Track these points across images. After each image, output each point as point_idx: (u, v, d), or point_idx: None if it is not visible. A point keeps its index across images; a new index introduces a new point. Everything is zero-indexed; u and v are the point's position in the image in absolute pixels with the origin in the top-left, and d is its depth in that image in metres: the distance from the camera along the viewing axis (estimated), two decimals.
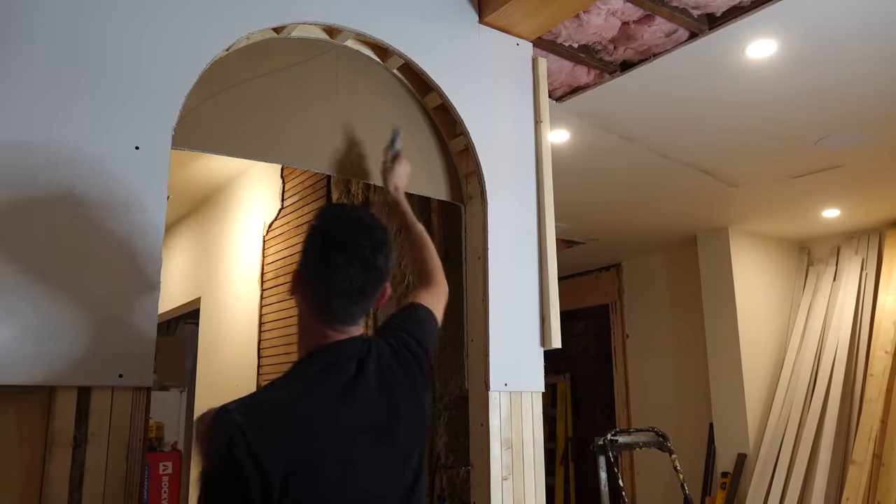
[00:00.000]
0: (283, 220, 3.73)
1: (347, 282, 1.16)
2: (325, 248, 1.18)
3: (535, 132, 2.22)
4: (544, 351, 2.08)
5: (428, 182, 2.09)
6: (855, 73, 2.68)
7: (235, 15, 1.66)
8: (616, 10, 2.31)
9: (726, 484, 4.65)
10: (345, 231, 1.20)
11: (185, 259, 4.99)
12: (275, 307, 3.66)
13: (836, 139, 3.30)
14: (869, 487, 4.17)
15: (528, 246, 2.13)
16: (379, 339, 1.30)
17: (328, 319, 1.20)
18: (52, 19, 1.42)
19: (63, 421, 1.30)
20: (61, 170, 1.38)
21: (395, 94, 2.05)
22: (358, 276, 1.17)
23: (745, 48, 2.48)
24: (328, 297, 1.18)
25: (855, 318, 4.76)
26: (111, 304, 1.38)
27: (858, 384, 4.55)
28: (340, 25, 1.85)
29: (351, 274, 1.16)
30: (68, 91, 1.41)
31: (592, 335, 6.32)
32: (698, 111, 3.01)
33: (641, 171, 3.73)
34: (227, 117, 1.71)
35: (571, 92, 2.83)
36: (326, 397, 1.14)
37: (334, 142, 1.89)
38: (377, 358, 1.23)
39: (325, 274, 1.17)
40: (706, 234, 5.06)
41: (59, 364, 1.31)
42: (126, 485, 1.35)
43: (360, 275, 1.17)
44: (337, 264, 1.16)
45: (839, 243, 5.14)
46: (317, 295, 1.20)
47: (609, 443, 3.33)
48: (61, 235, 1.36)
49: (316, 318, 1.21)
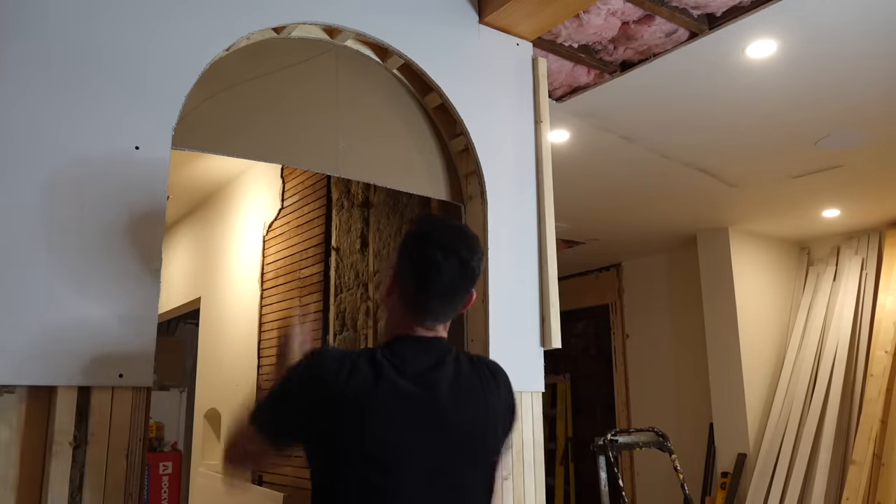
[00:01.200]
0: (283, 220, 3.73)
1: (445, 278, 1.22)
2: (426, 247, 1.23)
3: (535, 132, 2.22)
4: (544, 351, 2.08)
5: (428, 182, 2.09)
6: (855, 73, 2.68)
7: (235, 15, 1.66)
8: (616, 10, 2.31)
9: (726, 484, 4.65)
10: (444, 232, 1.27)
11: (185, 259, 4.99)
12: (275, 307, 3.66)
13: (835, 139, 3.30)
14: (869, 487, 4.17)
15: (528, 246, 2.13)
16: (460, 351, 1.35)
17: (422, 316, 1.25)
18: (51, 19, 1.42)
19: (63, 421, 1.31)
20: (61, 169, 1.38)
21: (395, 94, 2.05)
22: (455, 274, 1.23)
23: (745, 48, 2.48)
24: (426, 293, 1.24)
25: (855, 318, 4.75)
26: (111, 304, 1.38)
27: (858, 384, 4.55)
28: (340, 25, 1.85)
29: (449, 271, 1.22)
30: (68, 91, 1.41)
31: (592, 335, 6.32)
32: (698, 111, 3.01)
33: (641, 170, 3.73)
34: (227, 117, 1.71)
35: (571, 92, 2.83)
36: (399, 374, 1.19)
37: (334, 142, 1.89)
38: (456, 361, 1.27)
39: (425, 271, 1.23)
40: (706, 234, 5.06)
41: (59, 364, 1.31)
42: (126, 485, 1.35)
43: (457, 273, 1.23)
44: (436, 261, 1.21)
45: (839, 243, 5.14)
46: (415, 292, 1.24)
47: (609, 443, 3.33)
48: (61, 235, 1.36)
49: (410, 316, 1.26)
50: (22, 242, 1.32)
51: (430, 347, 1.25)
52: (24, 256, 1.32)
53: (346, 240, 3.19)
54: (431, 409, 1.18)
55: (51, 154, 1.37)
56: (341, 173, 1.91)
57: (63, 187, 1.37)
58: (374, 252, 2.98)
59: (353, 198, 3.20)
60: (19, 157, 1.34)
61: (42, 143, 1.36)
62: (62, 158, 1.38)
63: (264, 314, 3.74)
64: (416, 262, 1.24)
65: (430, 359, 1.23)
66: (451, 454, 1.20)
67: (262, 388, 3.64)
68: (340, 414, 1.13)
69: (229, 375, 4.02)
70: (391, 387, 1.15)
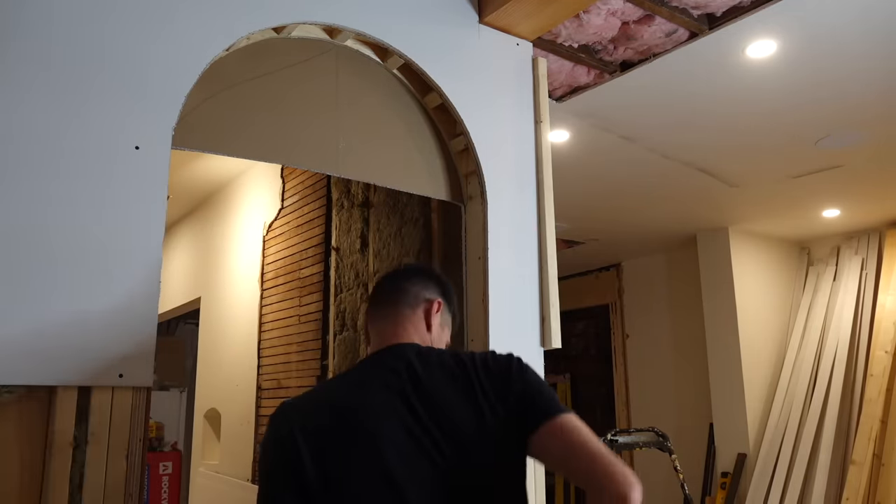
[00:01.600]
0: (283, 220, 3.73)
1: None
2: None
3: (535, 132, 2.22)
4: (544, 351, 2.08)
5: (428, 182, 2.09)
6: (855, 73, 2.68)
7: (235, 15, 1.66)
8: (616, 10, 2.31)
9: (726, 484, 4.65)
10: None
11: (185, 259, 4.99)
12: (275, 307, 3.66)
13: (835, 139, 3.30)
14: (869, 487, 4.17)
15: (528, 246, 2.13)
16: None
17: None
18: (50, 19, 1.42)
19: (63, 421, 1.31)
20: (61, 169, 1.38)
21: (395, 94, 2.05)
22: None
23: (745, 48, 2.48)
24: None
25: (855, 318, 4.75)
26: (111, 304, 1.38)
27: (858, 384, 4.55)
28: (340, 25, 1.85)
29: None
30: (68, 91, 1.41)
31: (592, 335, 6.32)
32: (698, 111, 3.01)
33: (641, 170, 3.73)
34: (228, 117, 1.71)
35: (571, 92, 2.83)
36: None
37: (334, 142, 1.89)
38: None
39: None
40: (706, 234, 5.06)
41: (59, 364, 1.31)
42: (126, 485, 1.35)
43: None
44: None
45: (839, 243, 5.14)
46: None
47: (609, 443, 3.33)
48: (61, 235, 1.36)
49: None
50: (22, 242, 1.32)
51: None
52: (24, 256, 1.32)
53: (346, 240, 3.19)
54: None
55: (51, 154, 1.37)
56: (341, 173, 1.91)
57: (63, 187, 1.37)
58: (374, 252, 2.98)
59: (353, 198, 3.20)
60: (20, 156, 1.34)
61: (42, 142, 1.36)
62: (63, 158, 1.38)
63: (264, 314, 3.74)
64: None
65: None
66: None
67: (262, 388, 3.64)
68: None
69: (229, 375, 4.02)
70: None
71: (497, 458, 1.14)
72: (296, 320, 3.45)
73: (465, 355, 1.23)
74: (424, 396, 1.15)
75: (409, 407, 1.14)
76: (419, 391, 1.16)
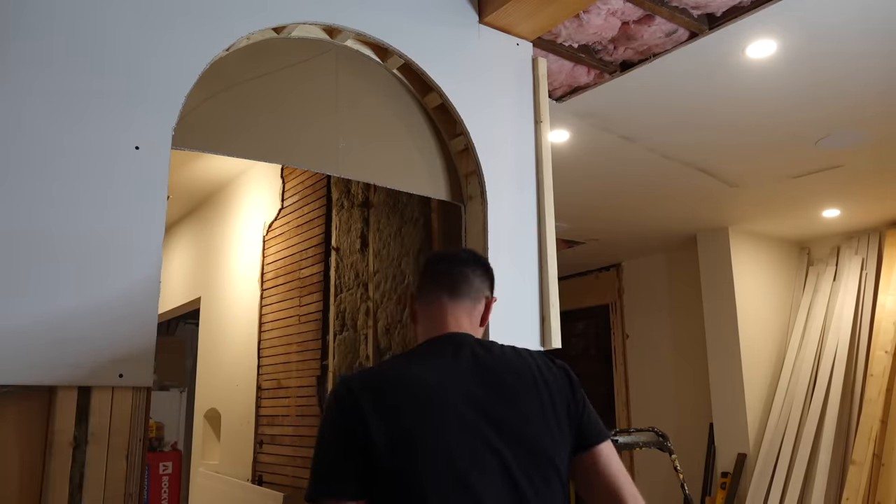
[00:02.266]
0: (283, 220, 3.73)
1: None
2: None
3: (535, 132, 2.22)
4: (544, 351, 2.08)
5: (428, 182, 2.09)
6: (854, 73, 2.68)
7: (235, 15, 1.66)
8: (616, 10, 2.31)
9: (726, 484, 4.65)
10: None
11: (185, 259, 4.99)
12: (275, 307, 3.66)
13: (835, 139, 3.30)
14: (869, 487, 4.17)
15: (528, 246, 2.13)
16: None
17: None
18: (49, 19, 1.42)
19: (63, 421, 1.30)
20: (61, 169, 1.38)
21: (395, 94, 2.05)
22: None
23: (745, 48, 2.48)
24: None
25: (855, 318, 4.75)
26: (111, 304, 1.38)
27: (858, 384, 4.55)
28: (340, 25, 1.85)
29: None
30: (68, 91, 1.41)
31: (592, 335, 6.32)
32: (698, 111, 3.01)
33: (641, 170, 3.73)
34: (228, 117, 1.71)
35: (571, 92, 2.83)
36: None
37: (334, 142, 1.89)
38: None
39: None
40: (706, 234, 5.06)
41: (59, 364, 1.31)
42: (126, 485, 1.35)
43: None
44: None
45: (839, 243, 5.14)
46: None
47: None
48: (61, 235, 1.36)
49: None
50: (22, 242, 1.32)
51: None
52: (25, 256, 1.32)
53: (346, 240, 3.19)
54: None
55: (51, 154, 1.37)
56: (341, 173, 1.91)
57: (63, 187, 1.37)
58: (374, 252, 2.98)
59: (353, 198, 3.20)
60: (20, 156, 1.34)
61: (43, 142, 1.36)
62: (63, 158, 1.38)
63: (264, 314, 3.74)
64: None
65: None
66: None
67: (262, 388, 3.65)
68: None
69: (229, 375, 4.02)
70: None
71: (556, 460, 1.18)
72: (296, 320, 3.45)
73: (524, 352, 1.28)
74: (491, 387, 1.18)
75: (474, 397, 1.16)
76: (486, 381, 1.18)
